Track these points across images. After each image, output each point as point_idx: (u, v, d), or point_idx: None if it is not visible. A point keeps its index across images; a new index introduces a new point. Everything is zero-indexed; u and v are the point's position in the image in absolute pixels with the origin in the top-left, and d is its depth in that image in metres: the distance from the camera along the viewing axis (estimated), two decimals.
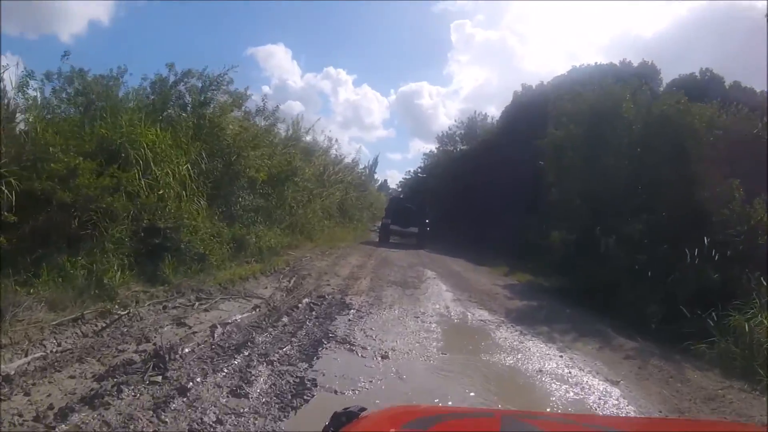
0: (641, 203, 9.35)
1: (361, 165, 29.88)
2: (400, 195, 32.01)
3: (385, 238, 17.11)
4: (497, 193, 16.89)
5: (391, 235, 17.29)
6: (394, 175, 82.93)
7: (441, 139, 30.13)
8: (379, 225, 19.12)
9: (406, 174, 43.12)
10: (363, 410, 1.02)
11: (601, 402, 3.52)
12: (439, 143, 30.42)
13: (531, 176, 14.26)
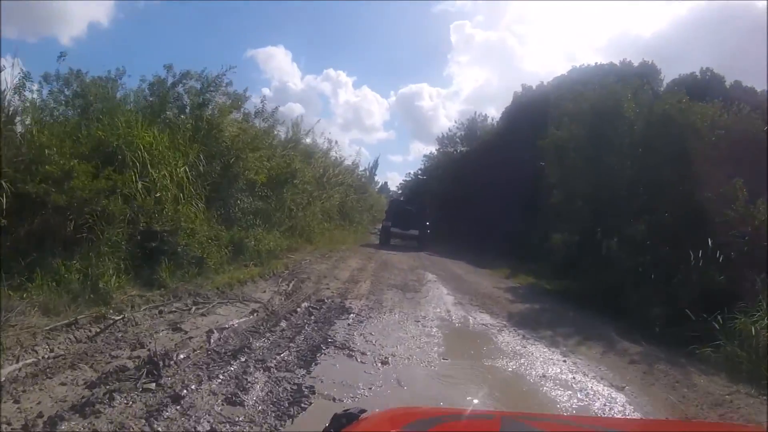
0: (643, 204, 9.28)
1: (362, 167, 29.77)
2: (401, 197, 32.05)
3: (385, 241, 17.21)
4: (498, 194, 16.84)
5: (392, 238, 17.37)
6: (394, 177, 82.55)
7: (441, 141, 30.04)
8: (380, 227, 19.24)
9: (406, 176, 43.02)
10: (363, 412, 1.02)
11: (606, 408, 3.43)
12: (440, 145, 30.33)
13: (532, 177, 14.20)
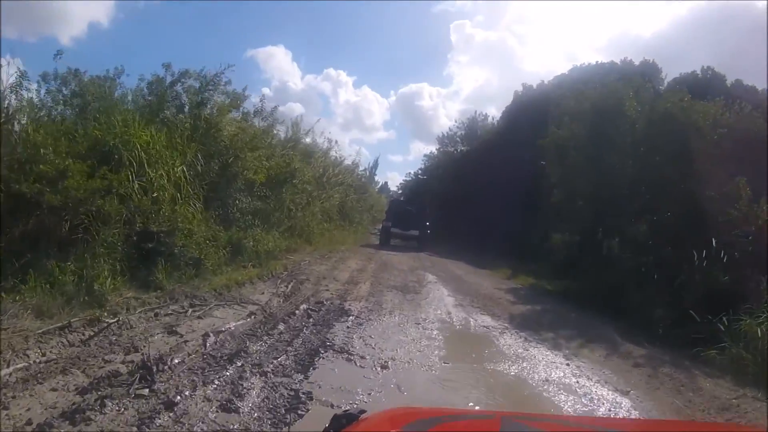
0: (645, 203, 9.19)
1: (362, 167, 29.62)
2: (401, 197, 31.99)
3: (385, 241, 17.26)
4: (498, 194, 16.77)
5: (392, 238, 17.42)
6: (394, 177, 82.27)
7: (441, 140, 29.86)
8: (380, 228, 19.27)
9: (406, 176, 42.86)
10: (363, 412, 1.02)
11: (611, 413, 3.36)
12: (440, 144, 30.14)
13: (532, 177, 14.12)
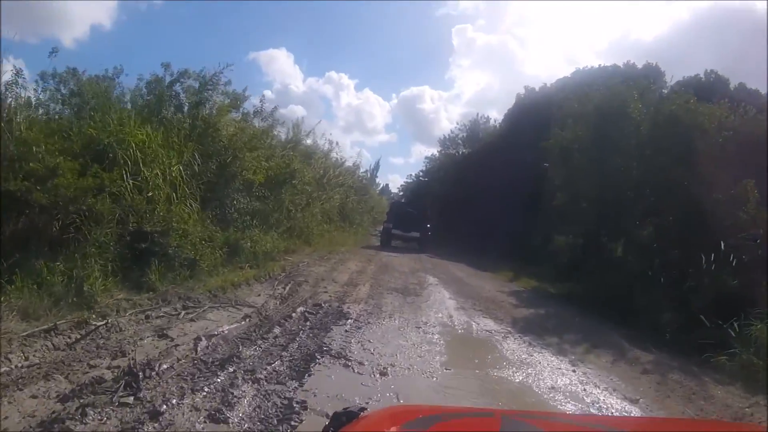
0: (650, 206, 9.05)
1: (363, 169, 29.56)
2: (402, 199, 31.87)
3: (386, 242, 17.29)
4: (500, 196, 16.66)
5: (393, 239, 17.43)
6: (395, 180, 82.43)
7: (443, 143, 29.71)
8: (381, 229, 19.29)
9: (407, 178, 42.66)
10: (363, 410, 1.01)
11: None
12: (441, 146, 30.00)
13: (534, 179, 14.00)
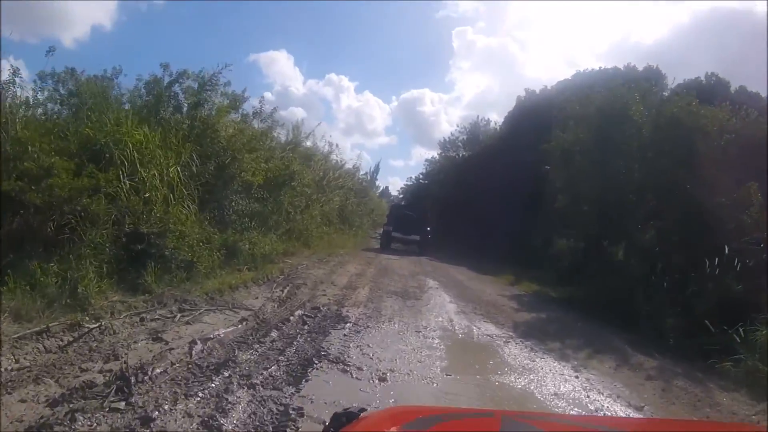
0: (652, 209, 8.98)
1: (363, 171, 29.46)
2: (402, 202, 31.86)
3: (386, 245, 17.31)
4: (500, 199, 16.61)
5: (393, 242, 17.44)
6: (395, 182, 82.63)
7: (443, 145, 29.64)
8: (381, 232, 19.31)
9: (407, 180, 42.61)
10: (363, 410, 1.00)
11: None
12: (441, 149, 29.92)
13: (535, 182, 13.92)
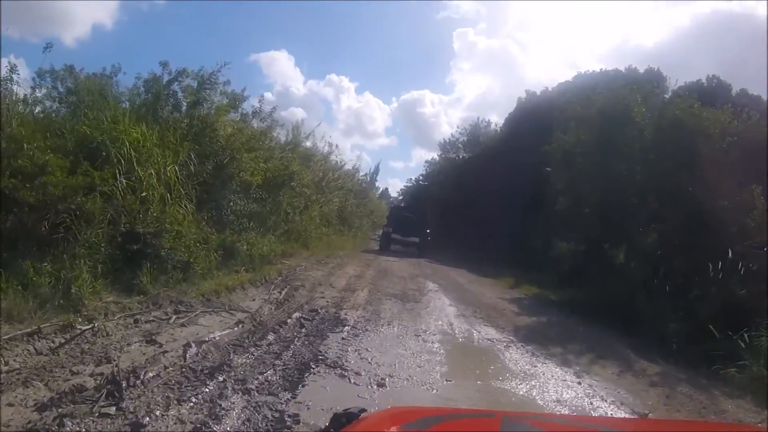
0: (654, 211, 8.91)
1: (362, 172, 29.38)
2: (401, 204, 31.81)
3: (386, 246, 17.30)
4: (501, 201, 16.56)
5: (392, 244, 17.42)
6: (395, 184, 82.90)
7: (443, 147, 29.59)
8: (380, 233, 19.32)
9: (407, 182, 42.60)
10: (363, 411, 1.00)
11: None
12: (442, 150, 29.87)
13: (536, 183, 13.86)
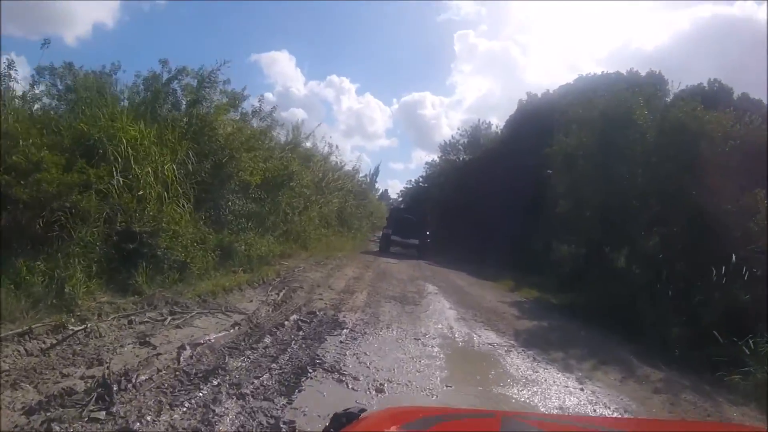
0: (656, 215, 8.84)
1: (362, 173, 29.32)
2: (401, 205, 31.83)
3: (385, 248, 17.28)
4: (501, 203, 16.51)
5: (392, 246, 17.40)
6: (395, 185, 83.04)
7: (444, 148, 29.57)
8: (380, 235, 19.29)
9: (407, 183, 42.59)
10: (363, 411, 0.99)
11: None
12: (442, 152, 29.85)
13: (536, 186, 13.79)
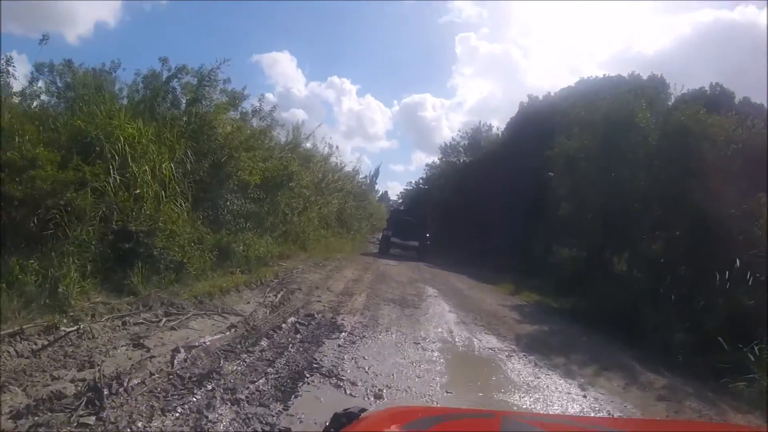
0: (658, 218, 8.78)
1: (362, 175, 29.20)
2: (401, 207, 31.81)
3: (385, 250, 17.20)
4: (501, 205, 16.43)
5: (392, 248, 17.31)
6: (395, 187, 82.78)
7: (444, 150, 29.50)
8: (380, 236, 19.24)
9: (407, 185, 42.52)
10: (363, 411, 0.99)
11: None
12: (442, 154, 29.78)
13: (537, 188, 13.73)
